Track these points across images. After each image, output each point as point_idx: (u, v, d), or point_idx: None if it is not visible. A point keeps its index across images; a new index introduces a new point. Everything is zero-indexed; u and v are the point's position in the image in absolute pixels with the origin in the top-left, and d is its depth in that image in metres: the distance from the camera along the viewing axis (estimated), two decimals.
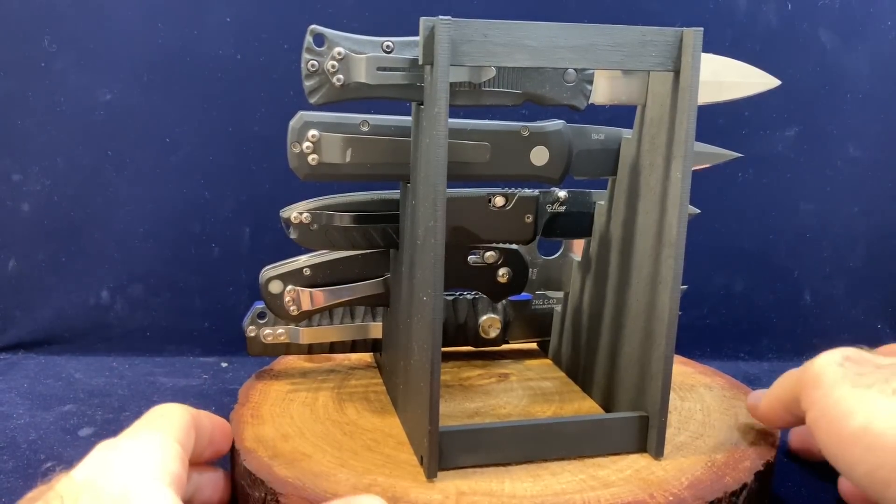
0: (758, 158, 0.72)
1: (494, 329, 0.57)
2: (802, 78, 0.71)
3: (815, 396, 0.38)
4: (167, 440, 0.37)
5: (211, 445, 0.42)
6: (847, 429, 0.36)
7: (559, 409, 0.50)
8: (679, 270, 0.42)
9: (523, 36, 0.38)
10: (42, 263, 0.70)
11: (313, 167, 0.45)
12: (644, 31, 0.40)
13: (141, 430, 0.38)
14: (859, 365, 0.38)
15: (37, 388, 0.63)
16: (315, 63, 0.41)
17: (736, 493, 0.41)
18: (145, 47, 0.67)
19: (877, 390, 0.36)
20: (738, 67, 0.46)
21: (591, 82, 0.44)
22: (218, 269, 0.71)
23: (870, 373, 0.37)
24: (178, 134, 0.69)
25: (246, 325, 0.53)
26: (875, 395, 0.36)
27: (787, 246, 0.74)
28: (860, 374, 0.37)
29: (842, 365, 0.38)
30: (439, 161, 0.38)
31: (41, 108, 0.68)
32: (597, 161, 0.48)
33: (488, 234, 0.49)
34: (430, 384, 0.40)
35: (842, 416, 0.36)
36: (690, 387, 0.54)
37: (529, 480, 0.41)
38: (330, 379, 0.54)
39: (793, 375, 0.42)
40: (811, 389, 0.39)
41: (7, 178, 0.69)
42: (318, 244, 0.49)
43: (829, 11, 0.70)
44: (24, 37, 0.66)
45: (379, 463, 0.42)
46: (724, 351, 0.74)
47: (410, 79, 0.42)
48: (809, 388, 0.39)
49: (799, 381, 0.41)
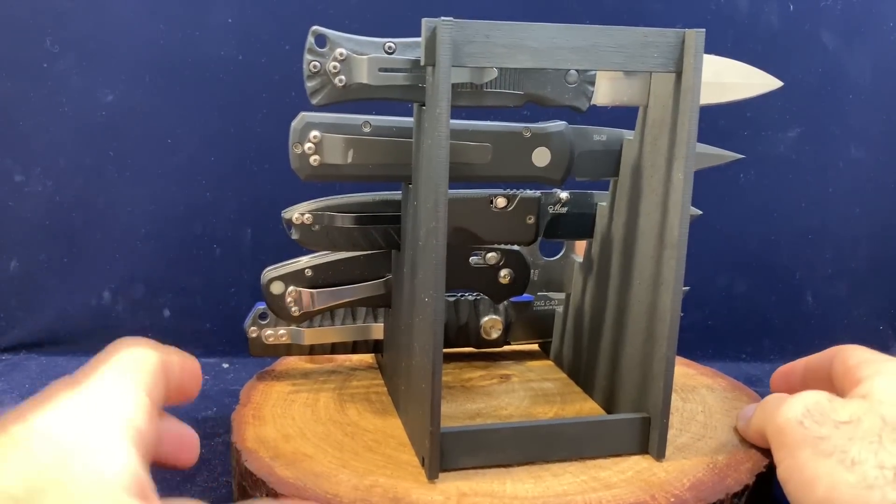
0: (760, 159, 0.72)
1: (496, 330, 0.57)
2: (804, 79, 0.71)
3: (781, 456, 0.39)
4: (135, 391, 0.33)
5: (179, 391, 0.37)
6: (812, 497, 0.36)
7: (561, 410, 0.50)
8: (681, 271, 0.42)
9: (525, 37, 0.38)
10: (44, 264, 0.70)
11: (315, 168, 0.45)
12: (646, 32, 0.40)
13: (107, 374, 0.33)
14: (819, 424, 0.38)
15: (39, 389, 0.62)
16: (317, 64, 0.41)
17: (737, 494, 0.41)
18: (147, 48, 0.67)
19: (836, 460, 0.36)
20: (740, 68, 0.46)
21: (592, 83, 0.44)
22: (219, 270, 0.71)
23: (829, 436, 0.37)
24: (180, 135, 0.69)
25: (247, 326, 0.53)
26: (834, 466, 0.36)
27: (789, 247, 0.74)
28: (820, 438, 0.37)
29: (801, 423, 0.38)
30: (441, 162, 0.38)
31: (43, 109, 0.68)
32: (598, 162, 0.48)
33: (490, 235, 0.49)
34: (431, 385, 0.40)
35: (806, 482, 0.37)
36: (692, 388, 0.54)
37: (531, 482, 0.41)
38: (331, 380, 0.54)
39: (766, 411, 0.43)
40: (777, 446, 0.40)
41: (9, 179, 0.69)
42: (319, 245, 0.49)
43: (831, 12, 0.70)
44: (26, 38, 0.66)
45: (380, 464, 0.42)
46: (725, 352, 0.74)
47: (412, 80, 0.42)
48: (775, 444, 0.40)
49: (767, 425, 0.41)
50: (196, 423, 0.56)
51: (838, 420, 0.38)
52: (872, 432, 0.37)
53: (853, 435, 0.37)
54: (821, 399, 0.40)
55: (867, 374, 0.41)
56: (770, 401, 0.43)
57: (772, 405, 0.42)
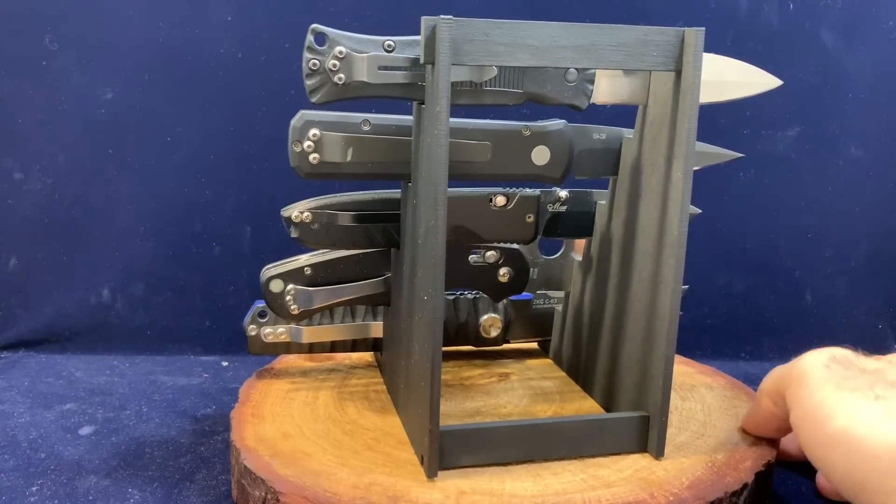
0: (759, 158, 0.72)
1: (495, 328, 0.57)
2: (804, 78, 0.71)
3: (800, 395, 0.39)
4: None
5: None
6: (827, 430, 0.36)
7: (560, 408, 0.50)
8: (680, 270, 0.42)
9: (525, 35, 0.38)
10: (43, 262, 0.70)
11: (314, 166, 0.45)
12: (646, 30, 0.40)
13: None
14: (845, 367, 0.38)
15: (37, 387, 0.63)
16: (316, 62, 0.41)
17: (736, 493, 0.41)
18: (147, 46, 0.67)
19: (860, 395, 0.36)
20: (740, 67, 0.46)
21: (592, 82, 0.44)
22: (219, 268, 0.71)
23: (854, 376, 0.38)
24: (180, 133, 0.69)
25: (247, 324, 0.53)
26: (857, 399, 0.36)
27: (789, 246, 0.74)
28: (845, 378, 0.38)
29: (827, 366, 0.39)
30: (440, 160, 0.38)
31: (43, 107, 0.68)
32: (598, 161, 0.48)
33: (489, 233, 0.49)
34: (430, 383, 0.40)
35: (823, 417, 0.37)
36: (691, 387, 0.54)
37: (530, 480, 0.41)
38: (330, 378, 0.54)
39: (779, 371, 0.43)
40: (796, 387, 0.40)
41: (9, 177, 0.69)
42: (319, 243, 0.49)
43: (831, 11, 0.70)
44: (25, 35, 0.66)
45: (379, 462, 0.42)
46: (725, 351, 0.74)
47: (412, 78, 0.42)
48: (794, 386, 0.40)
49: (785, 376, 0.42)
50: (195, 420, 0.57)
51: (864, 368, 0.38)
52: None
53: (879, 379, 0.37)
54: (845, 351, 0.40)
55: None
56: (777, 368, 0.44)
57: (790, 364, 0.42)
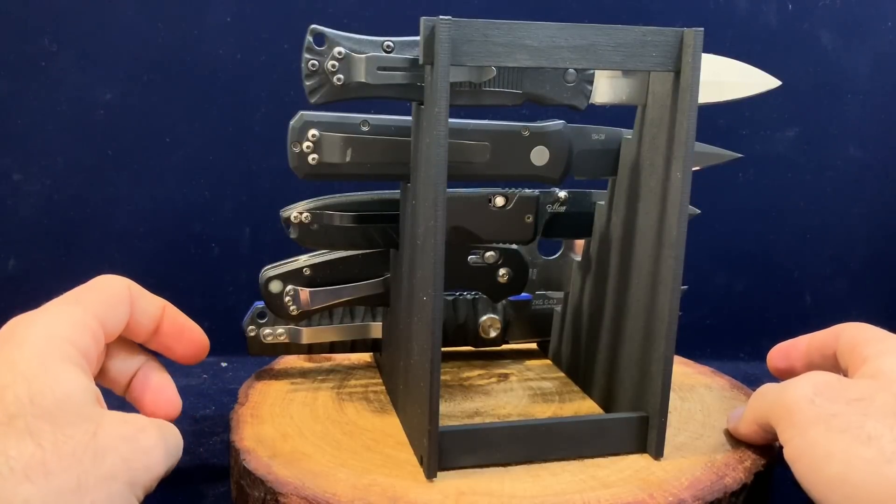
0: (758, 159, 0.72)
1: (494, 329, 0.57)
2: (803, 78, 0.71)
3: (790, 435, 0.38)
4: (82, 313, 0.38)
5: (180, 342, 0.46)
6: (825, 474, 0.35)
7: (559, 409, 0.50)
8: (679, 271, 0.42)
9: (524, 36, 0.38)
10: (42, 263, 0.70)
11: (313, 167, 0.45)
12: (644, 31, 0.40)
13: (60, 303, 0.40)
14: (832, 402, 0.37)
15: None
16: (315, 63, 0.41)
17: (736, 493, 0.41)
18: (146, 47, 0.67)
19: (851, 436, 0.35)
20: (739, 68, 0.46)
21: (591, 82, 0.44)
22: (218, 269, 0.71)
23: (842, 412, 0.36)
24: (179, 133, 0.69)
25: (246, 325, 0.53)
26: (849, 442, 0.35)
27: (788, 246, 0.74)
28: (832, 415, 0.36)
29: (813, 402, 0.37)
30: (439, 161, 0.38)
31: (41, 108, 0.68)
32: (597, 161, 0.48)
33: (488, 234, 0.49)
34: (429, 384, 0.40)
35: (818, 460, 0.36)
36: (690, 387, 0.54)
37: (529, 480, 0.41)
38: (329, 379, 0.54)
39: (767, 397, 0.42)
40: (785, 426, 0.38)
41: (7, 178, 0.69)
42: (318, 244, 0.49)
43: (830, 12, 0.70)
44: (24, 36, 0.66)
45: (378, 463, 0.42)
46: (724, 351, 0.74)
47: (411, 78, 0.42)
48: (783, 424, 0.39)
49: (772, 408, 0.40)
50: (194, 421, 0.57)
51: (850, 397, 0.37)
52: (887, 408, 0.36)
53: (867, 411, 0.36)
54: (829, 378, 0.39)
55: (875, 352, 0.40)
56: (767, 388, 0.42)
57: (773, 390, 0.41)
